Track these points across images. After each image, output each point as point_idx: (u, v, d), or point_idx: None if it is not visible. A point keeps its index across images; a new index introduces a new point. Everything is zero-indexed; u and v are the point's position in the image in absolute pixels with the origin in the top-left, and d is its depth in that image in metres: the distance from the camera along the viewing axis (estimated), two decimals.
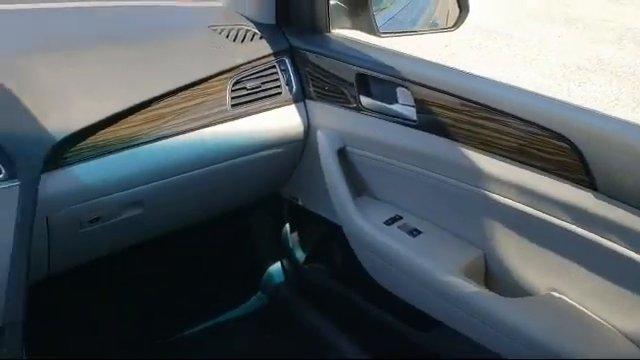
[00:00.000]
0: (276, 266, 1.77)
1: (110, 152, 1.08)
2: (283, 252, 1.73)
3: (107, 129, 1.07)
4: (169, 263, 1.59)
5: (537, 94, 1.04)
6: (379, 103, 1.22)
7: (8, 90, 0.98)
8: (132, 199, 1.15)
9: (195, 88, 1.19)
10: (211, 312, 1.71)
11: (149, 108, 1.13)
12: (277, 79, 1.32)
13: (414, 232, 1.21)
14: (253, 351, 1.62)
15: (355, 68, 1.23)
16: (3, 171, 0.95)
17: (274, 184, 1.51)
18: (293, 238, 1.70)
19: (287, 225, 1.69)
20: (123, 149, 1.10)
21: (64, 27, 1.20)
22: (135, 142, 1.11)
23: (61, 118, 1.01)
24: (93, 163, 1.06)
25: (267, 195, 1.56)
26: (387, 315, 1.43)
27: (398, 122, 1.18)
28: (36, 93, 1.01)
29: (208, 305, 1.70)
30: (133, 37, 1.22)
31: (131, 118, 1.10)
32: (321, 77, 1.32)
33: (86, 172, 1.06)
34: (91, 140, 1.06)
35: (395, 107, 1.20)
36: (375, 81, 1.23)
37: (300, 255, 1.69)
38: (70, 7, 1.28)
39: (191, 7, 1.40)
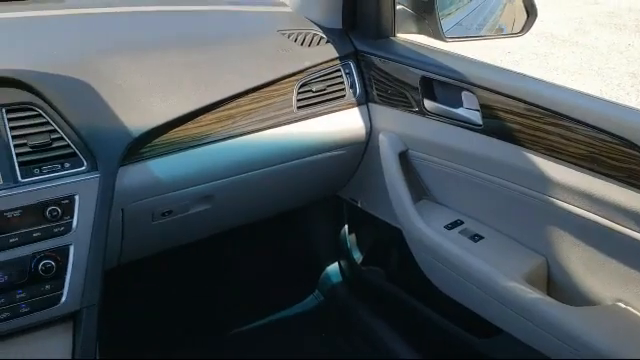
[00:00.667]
0: (334, 266, 1.80)
1: (183, 149, 1.13)
2: (341, 253, 1.76)
3: (181, 127, 1.13)
4: (232, 258, 1.64)
5: (607, 100, 1.03)
6: (443, 107, 1.23)
7: (91, 88, 1.05)
8: (202, 194, 1.20)
9: (263, 90, 1.23)
10: (269, 308, 1.75)
11: (220, 108, 1.18)
12: (342, 82, 1.35)
13: (475, 237, 1.20)
14: (309, 349, 1.65)
15: (420, 72, 1.24)
16: (85, 164, 1.01)
17: (334, 185, 1.53)
18: (351, 239, 1.72)
19: (346, 226, 1.71)
20: (195, 147, 1.15)
21: (143, 30, 1.26)
22: (206, 140, 1.16)
23: (139, 115, 1.07)
24: (167, 159, 1.12)
25: (327, 196, 1.59)
26: (444, 319, 1.43)
27: (462, 126, 1.18)
28: (116, 91, 1.07)
29: (267, 301, 1.75)
30: (206, 40, 1.27)
31: (203, 117, 1.15)
32: (385, 80, 1.34)
33: (160, 167, 1.11)
34: (166, 137, 1.11)
35: (459, 111, 1.20)
36: (440, 85, 1.24)
37: (358, 256, 1.71)
38: (147, 11, 1.35)
39: (261, 12, 1.45)
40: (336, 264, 1.80)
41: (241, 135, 1.20)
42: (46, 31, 1.18)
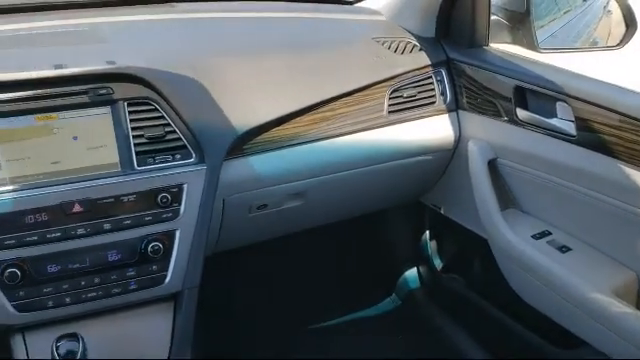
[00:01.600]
0: (412, 271, 1.83)
1: (280, 147, 1.20)
2: (421, 258, 1.78)
3: (280, 127, 1.20)
4: (314, 256, 1.70)
5: None
6: (536, 116, 1.23)
7: (202, 86, 1.13)
8: (295, 191, 1.26)
9: (357, 94, 1.29)
10: (346, 307, 1.80)
11: (316, 111, 1.24)
12: (432, 89, 1.38)
13: (563, 248, 1.20)
14: (383, 349, 1.68)
15: (513, 81, 1.25)
16: (194, 156, 1.10)
17: (419, 190, 1.56)
18: (432, 246, 1.74)
19: (427, 232, 1.73)
20: (291, 146, 1.22)
21: (246, 34, 1.34)
22: (302, 140, 1.22)
23: (243, 114, 1.15)
24: (265, 156, 1.19)
25: (410, 200, 1.62)
26: (527, 330, 1.42)
27: (555, 137, 1.18)
28: (223, 91, 1.15)
29: (344, 300, 1.79)
30: (305, 46, 1.33)
31: (300, 119, 1.22)
32: (476, 89, 1.35)
33: (259, 163, 1.18)
34: (266, 135, 1.18)
35: (553, 121, 1.20)
36: (533, 95, 1.24)
37: (438, 263, 1.73)
38: (249, 17, 1.43)
39: (357, 20, 1.50)
40: (414, 269, 1.82)
41: (334, 137, 1.26)
42: (161, 33, 1.29)
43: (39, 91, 1.01)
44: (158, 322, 1.12)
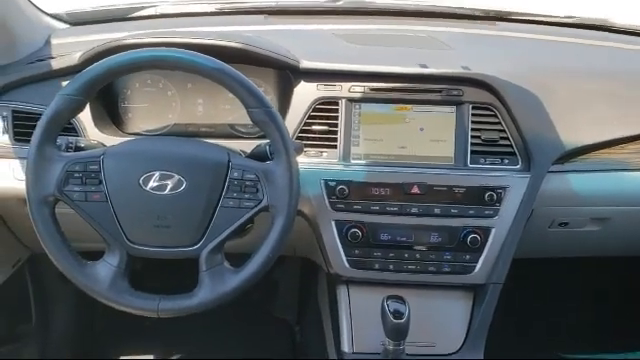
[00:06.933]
0: None
1: (599, 170, 1.23)
2: None
3: (603, 150, 1.23)
4: (588, 283, 1.68)
5: None
6: None
7: (539, 101, 1.20)
8: (600, 215, 1.27)
9: None
10: (603, 343, 1.75)
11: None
12: None
13: None
14: None
15: None
16: (520, 163, 1.18)
17: None
18: None
19: None
20: (610, 170, 1.24)
21: (574, 58, 1.39)
22: (622, 167, 1.24)
23: (573, 132, 1.20)
24: (584, 175, 1.23)
25: None
26: None
27: None
28: (557, 107, 1.20)
29: (602, 336, 1.74)
30: (630, 76, 1.33)
31: (625, 146, 1.24)
32: None
33: (576, 181, 1.22)
34: (589, 156, 1.22)
35: None
36: None
37: None
38: (572, 42, 1.47)
39: None
40: None
41: None
42: (497, 46, 1.40)
43: (403, 85, 1.17)
44: (458, 309, 1.22)
